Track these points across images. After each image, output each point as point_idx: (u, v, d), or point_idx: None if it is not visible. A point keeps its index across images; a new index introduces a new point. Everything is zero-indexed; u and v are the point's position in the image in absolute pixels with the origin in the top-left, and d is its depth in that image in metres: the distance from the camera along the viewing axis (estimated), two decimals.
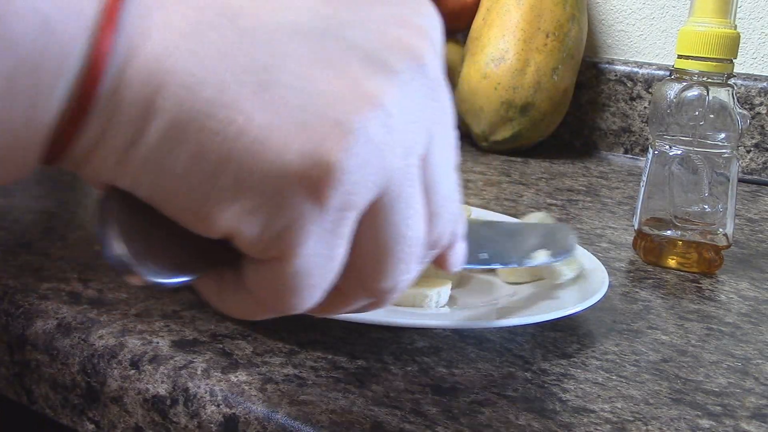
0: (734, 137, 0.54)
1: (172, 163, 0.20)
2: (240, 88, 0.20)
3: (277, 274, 0.22)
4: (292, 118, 0.20)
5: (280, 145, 0.20)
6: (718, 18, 0.53)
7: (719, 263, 0.55)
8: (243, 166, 0.20)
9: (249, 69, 0.20)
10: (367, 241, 0.23)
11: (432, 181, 0.24)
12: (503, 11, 0.93)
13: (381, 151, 0.21)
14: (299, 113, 0.20)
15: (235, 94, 0.20)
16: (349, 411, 0.32)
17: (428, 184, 0.24)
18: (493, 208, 0.67)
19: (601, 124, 1.04)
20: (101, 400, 0.36)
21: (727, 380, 0.38)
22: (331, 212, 0.21)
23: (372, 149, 0.21)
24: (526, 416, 0.33)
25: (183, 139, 0.20)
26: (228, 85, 0.20)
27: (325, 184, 0.20)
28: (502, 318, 0.39)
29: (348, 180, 0.20)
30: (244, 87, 0.20)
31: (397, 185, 0.22)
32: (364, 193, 0.21)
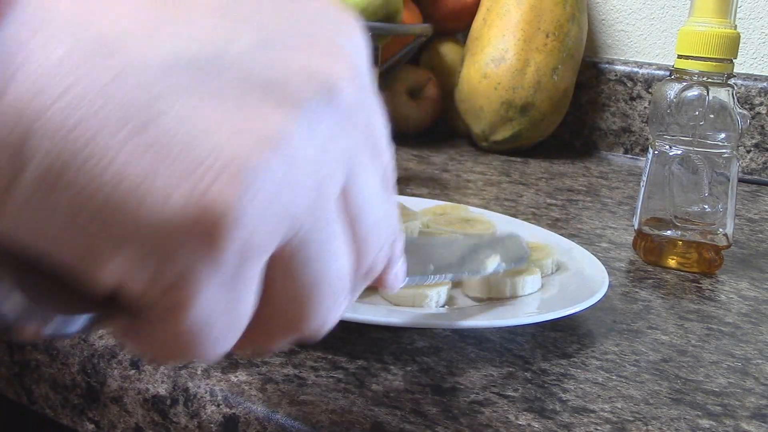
0: (734, 137, 0.54)
1: (50, 212, 0.18)
2: (116, 132, 0.18)
3: (172, 327, 0.20)
4: (176, 162, 0.18)
5: (162, 192, 0.18)
6: (718, 18, 0.53)
7: (719, 263, 0.55)
8: (124, 216, 0.18)
9: (126, 110, 0.18)
10: (285, 284, 0.21)
11: (357, 211, 0.22)
12: (503, 11, 0.93)
13: (283, 193, 0.19)
14: (184, 156, 0.18)
15: (110, 138, 0.18)
16: (349, 411, 0.32)
17: (353, 216, 0.22)
18: (493, 208, 0.67)
19: (601, 124, 1.04)
20: (101, 400, 0.36)
21: (727, 380, 0.38)
22: (229, 261, 0.19)
23: (272, 191, 0.19)
24: (526, 416, 0.33)
25: (58, 187, 0.18)
26: (102, 128, 0.18)
27: (217, 233, 0.18)
28: (502, 318, 0.39)
29: (244, 227, 0.18)
30: (120, 130, 0.18)
31: (308, 226, 0.20)
32: (266, 238, 0.19)
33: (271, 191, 0.19)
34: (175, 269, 0.19)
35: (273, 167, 0.19)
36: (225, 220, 0.18)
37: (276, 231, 0.19)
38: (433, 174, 0.81)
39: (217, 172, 0.18)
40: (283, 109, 0.19)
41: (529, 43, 0.91)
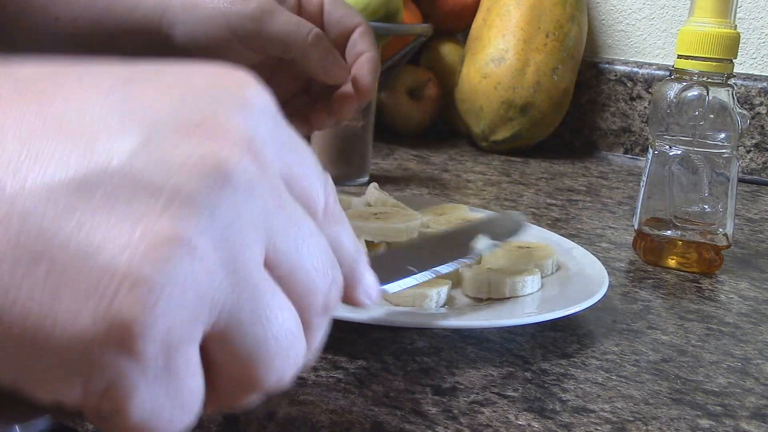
0: (734, 137, 0.54)
1: None
2: (13, 270, 0.18)
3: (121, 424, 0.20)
4: (76, 285, 0.18)
5: (69, 317, 0.18)
6: (718, 18, 0.53)
7: (719, 263, 0.55)
8: (40, 344, 0.19)
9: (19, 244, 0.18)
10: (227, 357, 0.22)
11: (288, 266, 0.22)
12: (503, 11, 0.93)
13: (192, 286, 0.19)
14: (82, 277, 0.19)
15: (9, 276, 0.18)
16: (349, 411, 0.32)
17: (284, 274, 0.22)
18: (493, 208, 0.67)
19: (601, 124, 1.04)
20: None
21: (727, 380, 0.38)
22: (152, 361, 0.19)
23: (177, 290, 0.19)
24: (526, 416, 0.33)
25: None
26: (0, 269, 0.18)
27: (132, 340, 0.19)
28: (502, 318, 0.39)
29: (157, 329, 0.19)
30: (17, 266, 0.18)
31: (232, 303, 0.21)
32: (187, 330, 0.20)
33: (179, 289, 0.19)
34: (102, 381, 0.19)
35: (172, 267, 0.19)
36: (134, 328, 0.19)
37: (195, 319, 0.20)
38: (433, 174, 0.81)
39: (116, 286, 0.19)
40: (173, 207, 0.19)
41: (529, 43, 0.91)
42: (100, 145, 0.19)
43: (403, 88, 0.99)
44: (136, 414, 0.20)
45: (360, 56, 0.53)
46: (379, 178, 0.76)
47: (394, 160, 0.86)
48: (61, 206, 0.19)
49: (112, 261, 0.19)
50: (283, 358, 0.23)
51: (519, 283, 0.43)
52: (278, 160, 0.23)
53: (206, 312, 0.20)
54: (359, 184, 0.73)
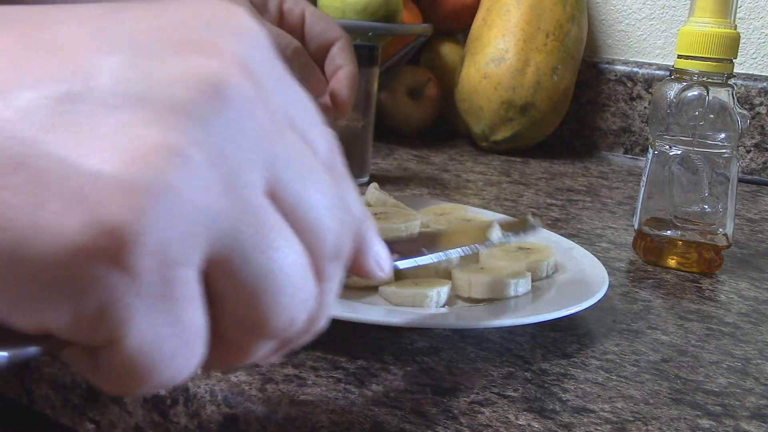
0: (734, 137, 0.54)
1: None
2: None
3: (116, 359, 0.19)
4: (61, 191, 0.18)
5: (54, 223, 0.17)
6: (718, 18, 0.53)
7: (719, 263, 0.55)
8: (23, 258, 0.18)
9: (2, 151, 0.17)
10: (231, 288, 0.21)
11: (294, 201, 0.21)
12: (503, 11, 0.93)
13: (187, 198, 0.18)
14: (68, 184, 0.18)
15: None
16: (349, 411, 0.32)
17: (290, 207, 0.21)
18: (493, 208, 0.67)
19: (601, 124, 1.04)
20: (101, 400, 0.36)
21: (727, 380, 0.38)
22: (148, 278, 0.18)
23: (171, 199, 0.18)
24: (526, 416, 0.33)
25: None
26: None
27: (123, 249, 0.18)
28: (502, 318, 0.39)
29: (151, 238, 0.18)
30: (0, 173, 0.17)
31: (233, 227, 0.20)
32: (185, 247, 0.19)
33: (170, 197, 0.18)
34: (94, 300, 0.18)
35: (165, 175, 0.18)
36: (124, 234, 0.18)
37: (191, 238, 0.19)
38: (433, 174, 0.81)
39: (104, 191, 0.18)
40: (164, 117, 0.19)
41: (529, 43, 0.91)
42: (86, 61, 0.19)
43: (403, 88, 0.99)
44: (133, 344, 0.19)
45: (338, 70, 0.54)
46: (379, 178, 0.76)
47: (394, 160, 0.86)
48: (42, 116, 0.18)
49: (98, 167, 0.18)
50: (290, 296, 0.21)
51: (519, 283, 0.43)
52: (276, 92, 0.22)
53: (203, 233, 0.19)
54: (359, 184, 0.73)
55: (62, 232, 0.17)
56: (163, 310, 0.19)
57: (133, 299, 0.18)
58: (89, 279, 0.18)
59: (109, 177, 0.18)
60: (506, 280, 0.42)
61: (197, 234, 0.19)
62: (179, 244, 0.19)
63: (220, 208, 0.19)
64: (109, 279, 0.18)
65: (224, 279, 0.20)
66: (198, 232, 0.19)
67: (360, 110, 0.71)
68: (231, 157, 0.20)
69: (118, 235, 0.18)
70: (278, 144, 0.21)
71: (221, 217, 0.19)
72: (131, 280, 0.18)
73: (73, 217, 0.17)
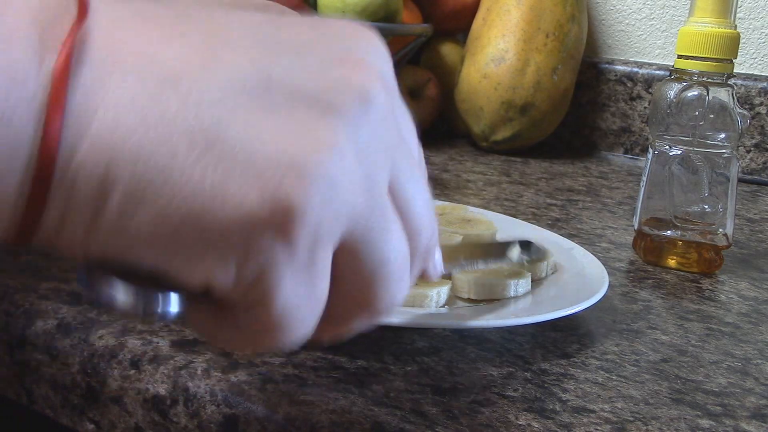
0: (734, 137, 0.54)
1: (136, 229, 0.21)
2: (189, 151, 0.20)
3: (262, 317, 0.23)
4: (246, 169, 0.21)
5: (238, 196, 0.21)
6: (718, 18, 0.53)
7: (719, 263, 0.55)
8: (205, 222, 0.21)
9: (195, 131, 0.20)
10: (354, 268, 0.24)
11: (405, 202, 0.25)
12: (503, 11, 0.93)
13: (340, 188, 0.22)
14: (251, 164, 0.21)
15: (185, 157, 0.20)
16: (349, 411, 0.32)
17: (402, 206, 0.25)
18: (493, 208, 0.67)
19: (601, 124, 1.04)
20: (101, 400, 0.36)
21: (727, 380, 0.38)
22: (301, 251, 0.22)
23: (331, 187, 0.22)
24: (526, 416, 0.33)
25: (142, 207, 0.20)
26: (177, 150, 0.20)
27: (291, 223, 0.21)
28: (502, 318, 0.39)
29: (312, 218, 0.21)
30: (193, 149, 0.20)
31: (366, 217, 0.23)
32: (331, 228, 0.22)
33: (330, 188, 0.22)
34: (257, 264, 0.21)
35: (329, 166, 0.21)
36: (296, 211, 0.21)
37: (339, 220, 0.22)
38: (433, 174, 0.81)
39: (283, 173, 0.21)
40: (328, 117, 0.22)
41: (529, 43, 0.91)
42: (263, 58, 0.22)
43: (403, 88, 0.98)
44: (279, 305, 0.22)
45: None
46: None
47: None
48: (235, 105, 0.21)
49: (279, 153, 0.21)
50: (396, 282, 0.25)
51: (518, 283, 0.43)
52: (399, 109, 0.26)
53: (345, 219, 0.22)
54: None
55: (243, 203, 0.21)
56: (305, 280, 0.22)
57: (287, 267, 0.22)
58: (258, 245, 0.21)
59: (288, 164, 0.21)
60: (506, 280, 0.42)
61: (341, 218, 0.22)
62: (329, 225, 0.22)
63: (360, 200, 0.23)
64: (273, 247, 0.21)
65: (349, 261, 0.24)
66: (342, 215, 0.22)
67: None
68: (371, 158, 0.23)
69: (289, 211, 0.21)
70: (400, 152, 0.25)
71: (358, 207, 0.23)
72: (290, 250, 0.21)
73: (254, 192, 0.21)
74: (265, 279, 0.22)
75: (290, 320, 0.23)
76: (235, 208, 0.21)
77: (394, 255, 0.24)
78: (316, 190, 0.21)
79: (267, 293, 0.22)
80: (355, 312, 0.26)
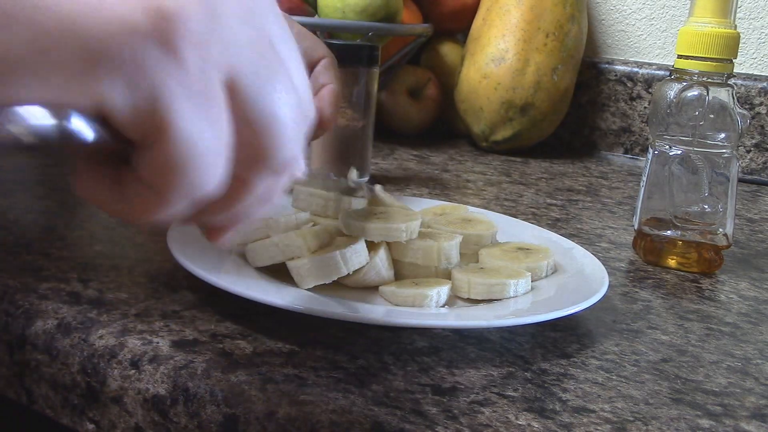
0: (734, 137, 0.54)
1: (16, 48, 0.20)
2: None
3: (164, 151, 0.22)
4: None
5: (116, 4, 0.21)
6: (718, 18, 0.53)
7: (719, 263, 0.55)
8: (86, 34, 0.20)
9: None
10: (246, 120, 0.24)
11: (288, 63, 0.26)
12: (503, 11, 0.93)
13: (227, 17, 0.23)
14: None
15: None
16: (349, 411, 0.32)
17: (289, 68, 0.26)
18: (493, 208, 0.67)
19: (601, 124, 1.04)
20: (101, 400, 0.36)
21: (727, 380, 0.38)
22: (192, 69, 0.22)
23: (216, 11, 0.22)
24: (526, 416, 0.33)
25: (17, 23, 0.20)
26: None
27: (173, 32, 0.21)
28: (502, 318, 0.39)
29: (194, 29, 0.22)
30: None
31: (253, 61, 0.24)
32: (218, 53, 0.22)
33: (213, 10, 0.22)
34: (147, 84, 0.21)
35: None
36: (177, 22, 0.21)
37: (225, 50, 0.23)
38: (433, 174, 0.81)
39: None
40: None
41: (529, 43, 0.91)
42: None
43: (403, 88, 0.99)
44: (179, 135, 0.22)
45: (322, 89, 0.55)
46: (379, 178, 0.76)
47: (394, 160, 0.86)
48: None
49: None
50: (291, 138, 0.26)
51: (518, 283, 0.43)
52: None
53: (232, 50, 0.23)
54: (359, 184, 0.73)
55: (125, 12, 0.21)
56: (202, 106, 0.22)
57: (180, 87, 0.22)
58: (143, 58, 0.21)
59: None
60: (506, 280, 0.42)
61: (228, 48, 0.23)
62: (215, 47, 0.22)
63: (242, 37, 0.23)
64: (160, 62, 0.21)
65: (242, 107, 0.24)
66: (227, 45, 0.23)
67: (360, 110, 0.71)
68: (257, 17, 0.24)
69: (171, 19, 0.21)
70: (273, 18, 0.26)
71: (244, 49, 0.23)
72: (177, 65, 0.21)
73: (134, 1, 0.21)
74: (160, 103, 0.22)
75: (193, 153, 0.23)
76: (116, 17, 0.20)
77: (284, 110, 0.25)
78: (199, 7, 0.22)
79: (164, 120, 0.22)
80: (254, 167, 0.25)
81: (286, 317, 0.40)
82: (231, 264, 0.43)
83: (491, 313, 0.41)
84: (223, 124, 0.23)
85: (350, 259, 0.41)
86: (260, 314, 0.40)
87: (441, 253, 0.44)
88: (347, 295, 0.42)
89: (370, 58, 0.70)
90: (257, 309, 0.40)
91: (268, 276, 0.42)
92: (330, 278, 0.41)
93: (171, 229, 0.45)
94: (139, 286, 0.43)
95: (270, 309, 0.39)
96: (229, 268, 0.43)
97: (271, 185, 0.27)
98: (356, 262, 0.41)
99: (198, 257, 0.42)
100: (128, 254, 0.47)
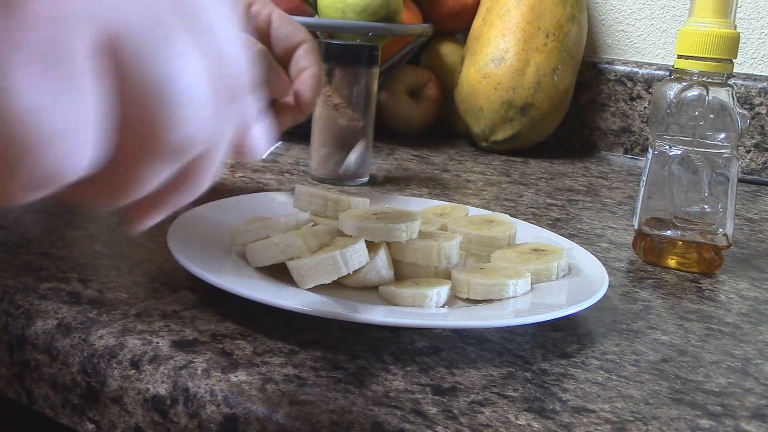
0: (734, 137, 0.54)
1: None
2: None
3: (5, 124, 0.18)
4: None
5: None
6: (718, 18, 0.53)
7: (719, 263, 0.55)
8: None
9: None
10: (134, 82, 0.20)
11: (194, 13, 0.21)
12: (503, 11, 0.93)
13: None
14: None
15: None
16: (349, 411, 0.32)
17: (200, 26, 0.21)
18: (493, 208, 0.67)
19: (601, 124, 1.04)
20: (101, 400, 0.36)
21: (727, 380, 0.38)
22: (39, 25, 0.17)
23: None
24: (526, 416, 0.33)
25: None
26: None
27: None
28: (502, 318, 0.39)
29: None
30: None
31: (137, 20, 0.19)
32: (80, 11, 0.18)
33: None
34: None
35: None
36: None
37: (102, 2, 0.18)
38: (433, 174, 0.81)
39: None
40: None
41: (529, 43, 0.91)
42: None
43: (403, 88, 0.99)
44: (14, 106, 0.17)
45: (303, 72, 0.54)
46: (379, 178, 0.76)
47: (394, 160, 0.86)
48: None
49: None
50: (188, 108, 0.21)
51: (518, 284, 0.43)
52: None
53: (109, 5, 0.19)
54: (359, 184, 0.73)
55: None
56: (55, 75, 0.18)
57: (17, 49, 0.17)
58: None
59: None
60: (505, 280, 0.42)
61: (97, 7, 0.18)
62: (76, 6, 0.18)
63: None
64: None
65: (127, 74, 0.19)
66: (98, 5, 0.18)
67: (360, 110, 0.71)
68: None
69: None
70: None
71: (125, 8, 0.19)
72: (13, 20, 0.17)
73: None
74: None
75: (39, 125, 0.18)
76: None
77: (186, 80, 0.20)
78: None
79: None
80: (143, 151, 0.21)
81: (286, 317, 0.40)
82: (231, 264, 0.43)
83: (491, 313, 0.41)
84: (87, 97, 0.19)
85: (350, 259, 0.41)
86: (260, 314, 0.40)
87: (441, 253, 0.44)
88: (347, 295, 0.42)
89: (370, 58, 0.70)
90: (257, 309, 0.40)
91: (268, 276, 0.42)
92: (330, 278, 0.41)
93: (171, 229, 0.45)
94: (139, 286, 0.43)
95: (270, 309, 0.39)
96: (229, 268, 0.43)
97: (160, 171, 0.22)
98: (356, 262, 0.41)
99: (198, 257, 0.42)
100: (128, 254, 0.47)
